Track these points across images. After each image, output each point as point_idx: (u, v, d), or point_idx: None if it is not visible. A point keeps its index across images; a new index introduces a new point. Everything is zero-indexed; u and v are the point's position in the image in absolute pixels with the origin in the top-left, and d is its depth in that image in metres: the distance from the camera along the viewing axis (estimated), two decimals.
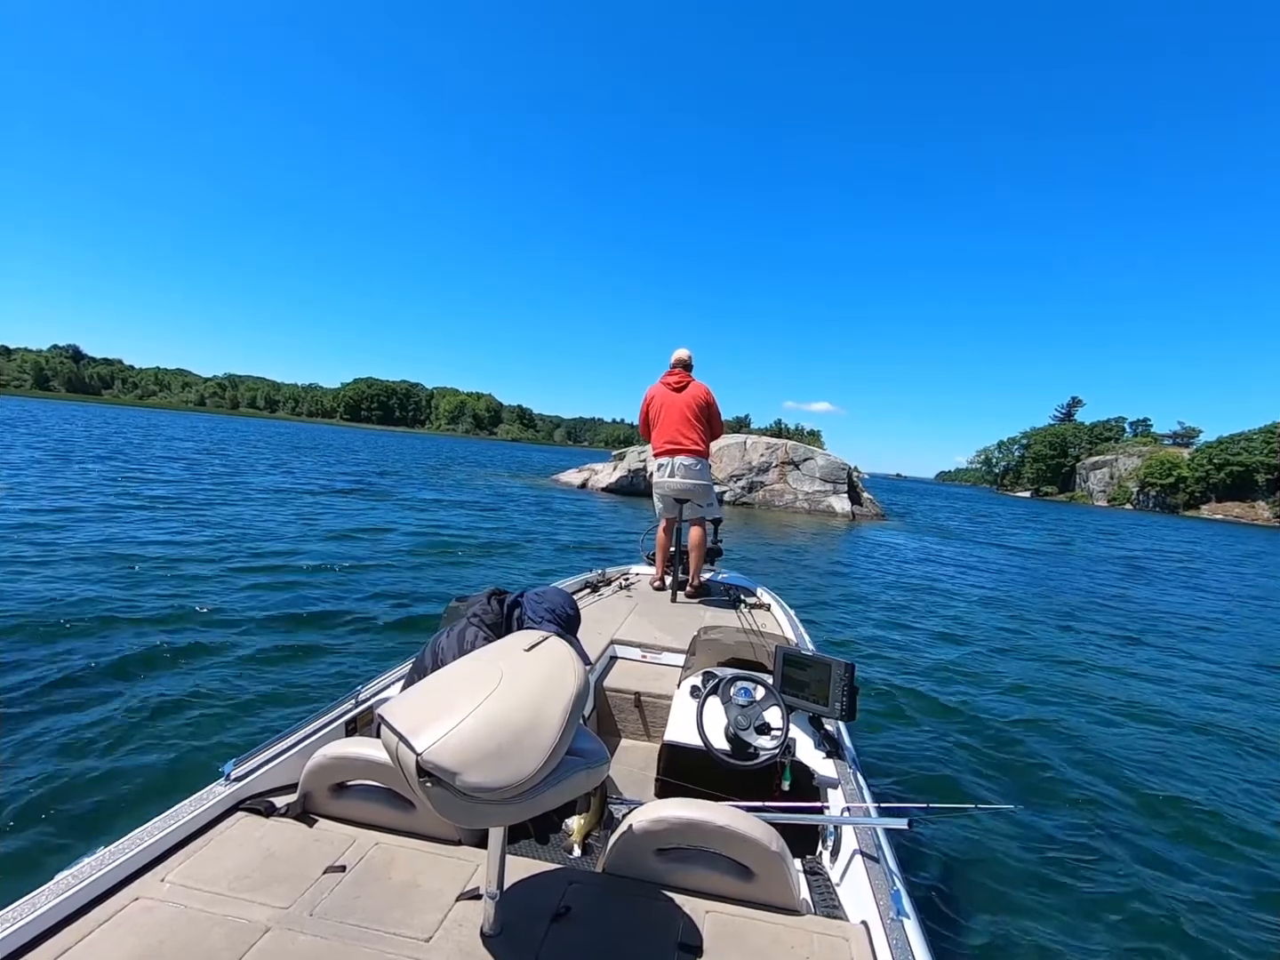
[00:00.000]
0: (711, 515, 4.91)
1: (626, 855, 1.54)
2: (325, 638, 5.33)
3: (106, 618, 5.25)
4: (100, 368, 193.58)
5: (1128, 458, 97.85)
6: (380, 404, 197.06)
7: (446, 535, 11.50)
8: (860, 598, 9.46)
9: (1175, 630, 9.33)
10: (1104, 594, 12.27)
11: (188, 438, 36.74)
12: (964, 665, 6.38)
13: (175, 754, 3.42)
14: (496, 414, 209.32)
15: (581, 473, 28.00)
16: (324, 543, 9.51)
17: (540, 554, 10.77)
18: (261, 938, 1.29)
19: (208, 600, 5.96)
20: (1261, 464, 78.98)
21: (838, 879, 1.82)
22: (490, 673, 1.27)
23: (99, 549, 7.58)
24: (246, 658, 4.74)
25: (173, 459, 22.23)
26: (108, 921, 1.30)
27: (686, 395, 4.85)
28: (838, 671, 2.19)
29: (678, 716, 2.47)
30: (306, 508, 13.21)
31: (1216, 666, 7.35)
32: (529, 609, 2.04)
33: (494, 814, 1.18)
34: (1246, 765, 4.58)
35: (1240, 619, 10.94)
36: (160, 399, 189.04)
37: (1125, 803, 3.86)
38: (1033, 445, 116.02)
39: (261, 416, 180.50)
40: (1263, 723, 5.50)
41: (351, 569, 7.93)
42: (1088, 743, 4.69)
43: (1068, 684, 6.09)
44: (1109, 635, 8.53)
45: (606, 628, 3.63)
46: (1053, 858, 3.22)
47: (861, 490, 26.86)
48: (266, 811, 1.70)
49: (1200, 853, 3.41)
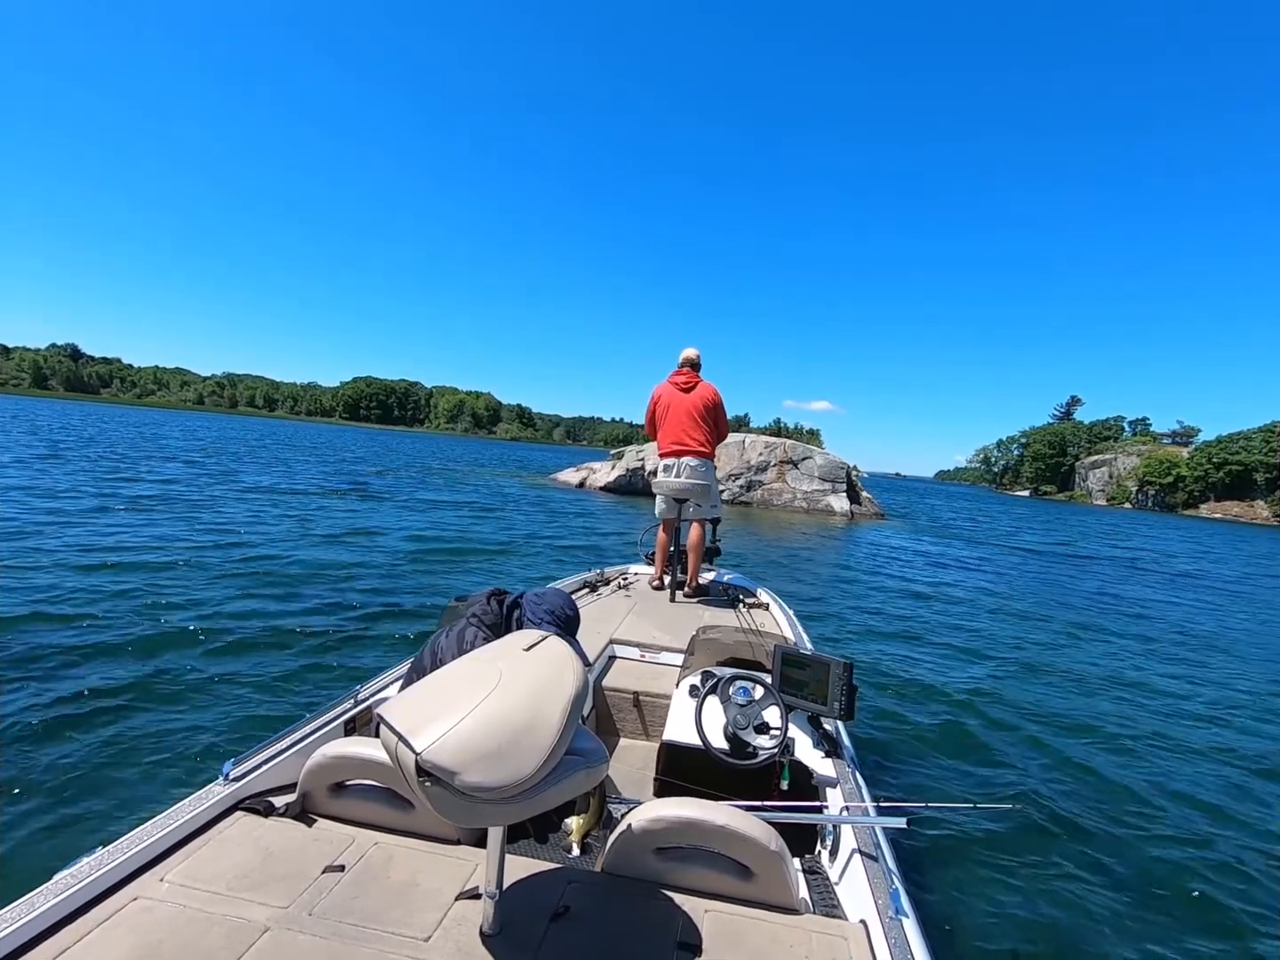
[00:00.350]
0: (711, 515, 4.91)
1: (626, 854, 1.54)
2: (317, 640, 5.29)
3: (104, 619, 5.24)
4: (99, 366, 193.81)
5: (1127, 457, 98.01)
6: (379, 403, 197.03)
7: (438, 538, 11.22)
8: (858, 597, 9.46)
9: (1180, 633, 9.32)
10: (1104, 594, 12.28)
11: (179, 437, 36.36)
12: (963, 664, 6.39)
13: (173, 754, 3.41)
14: (496, 413, 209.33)
15: (579, 472, 27.83)
16: (315, 547, 9.36)
17: (535, 555, 10.70)
18: (260, 937, 1.29)
19: (197, 600, 5.95)
20: (1260, 463, 79.14)
21: (836, 878, 1.82)
22: (489, 672, 1.27)
23: (86, 549, 7.55)
24: (244, 659, 4.74)
25: (163, 459, 21.93)
26: (106, 921, 1.30)
27: (694, 396, 4.83)
28: (836, 671, 2.19)
29: (676, 716, 2.48)
30: (297, 509, 13.03)
31: (1225, 670, 7.27)
32: (528, 610, 2.04)
33: (493, 813, 1.18)
34: (1251, 764, 4.57)
35: (1252, 624, 10.94)
36: (159, 398, 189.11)
37: (1126, 802, 3.84)
38: (1032, 444, 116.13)
39: (260, 415, 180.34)
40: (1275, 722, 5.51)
41: (344, 573, 7.82)
42: (1087, 741, 4.68)
43: (1068, 682, 6.09)
44: (1111, 636, 8.53)
45: (605, 627, 3.64)
46: (1052, 857, 3.21)
47: (860, 489, 26.78)
48: (265, 811, 1.70)
49: (1202, 853, 3.39)
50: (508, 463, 44.71)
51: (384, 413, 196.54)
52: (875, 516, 25.89)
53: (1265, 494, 79.38)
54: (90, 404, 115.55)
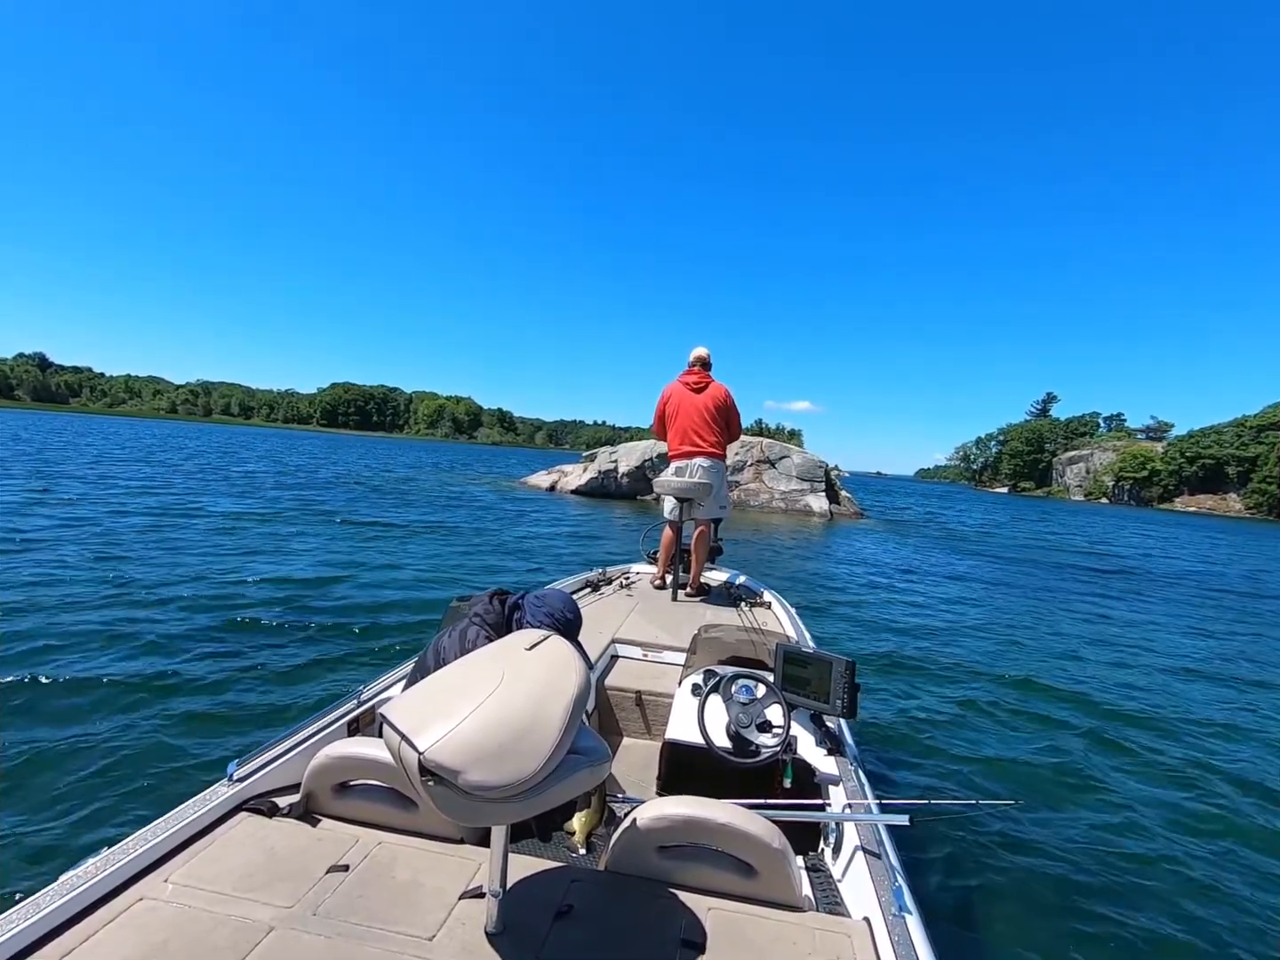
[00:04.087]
0: (717, 515, 4.87)
1: (629, 853, 1.55)
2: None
3: (103, 625, 5.23)
4: (68, 376, 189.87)
5: (1102, 452, 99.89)
6: (358, 409, 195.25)
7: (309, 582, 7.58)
8: (847, 599, 9.42)
9: (1177, 626, 9.42)
10: (1091, 590, 12.45)
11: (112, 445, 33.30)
12: (961, 664, 6.38)
13: (178, 755, 3.41)
14: (476, 417, 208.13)
15: (550, 475, 27.02)
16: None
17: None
18: (265, 937, 1.29)
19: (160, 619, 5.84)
20: (1232, 457, 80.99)
21: (839, 876, 1.83)
22: (492, 672, 1.28)
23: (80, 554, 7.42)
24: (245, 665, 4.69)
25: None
26: (112, 922, 1.30)
27: (706, 396, 4.77)
28: (839, 669, 2.20)
29: (679, 715, 2.48)
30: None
31: (1228, 669, 7.27)
32: (528, 612, 2.03)
33: (496, 812, 1.18)
34: (1255, 762, 4.59)
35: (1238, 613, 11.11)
36: (130, 407, 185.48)
37: (1129, 801, 3.84)
38: (1010, 441, 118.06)
39: (236, 423, 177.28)
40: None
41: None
42: (1090, 739, 4.68)
43: (1067, 681, 6.09)
44: (1105, 632, 8.58)
45: (607, 626, 3.63)
46: (1055, 855, 3.21)
47: (839, 489, 26.53)
48: (270, 811, 1.70)
49: (1203, 852, 3.39)
50: (481, 467, 43.69)
51: (363, 419, 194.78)
52: (854, 516, 25.64)
53: (1237, 487, 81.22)
54: (60, 414, 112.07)
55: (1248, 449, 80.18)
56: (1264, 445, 78.81)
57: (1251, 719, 5.54)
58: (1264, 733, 5.22)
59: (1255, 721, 5.49)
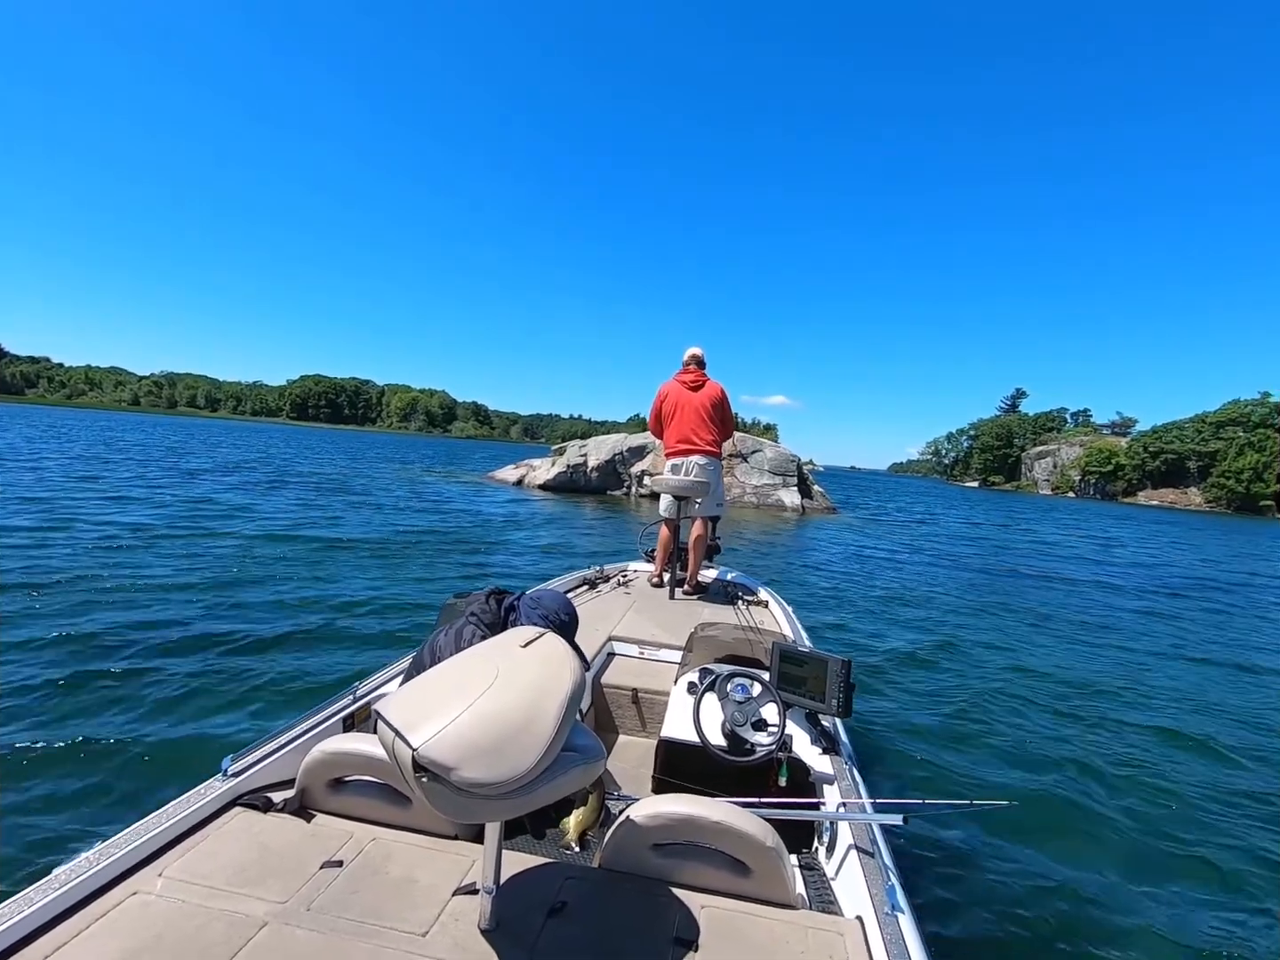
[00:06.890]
0: (714, 513, 4.87)
1: (623, 850, 1.56)
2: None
3: (101, 621, 5.20)
4: (24, 366, 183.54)
5: (1070, 447, 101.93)
6: (329, 402, 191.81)
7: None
8: (831, 596, 9.31)
9: (1178, 626, 9.34)
10: (1083, 584, 12.53)
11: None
12: (961, 662, 6.39)
13: (172, 749, 3.39)
14: (450, 411, 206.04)
15: (518, 469, 26.61)
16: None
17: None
18: (258, 932, 1.29)
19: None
20: (1193, 452, 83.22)
21: (833, 874, 1.85)
22: (486, 669, 1.28)
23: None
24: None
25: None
26: (104, 916, 1.30)
27: (703, 395, 4.79)
28: (834, 668, 2.22)
29: (675, 713, 2.48)
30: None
31: (1228, 666, 7.24)
32: (523, 613, 2.03)
33: (490, 809, 1.19)
34: (1254, 760, 4.60)
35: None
36: (91, 398, 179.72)
37: (1124, 800, 3.86)
38: (980, 436, 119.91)
39: (201, 416, 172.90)
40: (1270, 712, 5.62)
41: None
42: (1085, 739, 4.69)
43: (1065, 680, 6.08)
44: (1096, 628, 8.56)
45: (604, 624, 3.62)
46: (1047, 855, 3.22)
47: (812, 483, 26.35)
48: (264, 807, 1.70)
49: (1202, 849, 3.40)
50: (450, 460, 42.64)
51: (334, 412, 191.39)
52: (827, 510, 25.45)
53: (1198, 481, 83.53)
54: (14, 406, 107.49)
55: (1208, 444, 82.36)
56: (1223, 440, 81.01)
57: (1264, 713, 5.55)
58: (1272, 728, 5.23)
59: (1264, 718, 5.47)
